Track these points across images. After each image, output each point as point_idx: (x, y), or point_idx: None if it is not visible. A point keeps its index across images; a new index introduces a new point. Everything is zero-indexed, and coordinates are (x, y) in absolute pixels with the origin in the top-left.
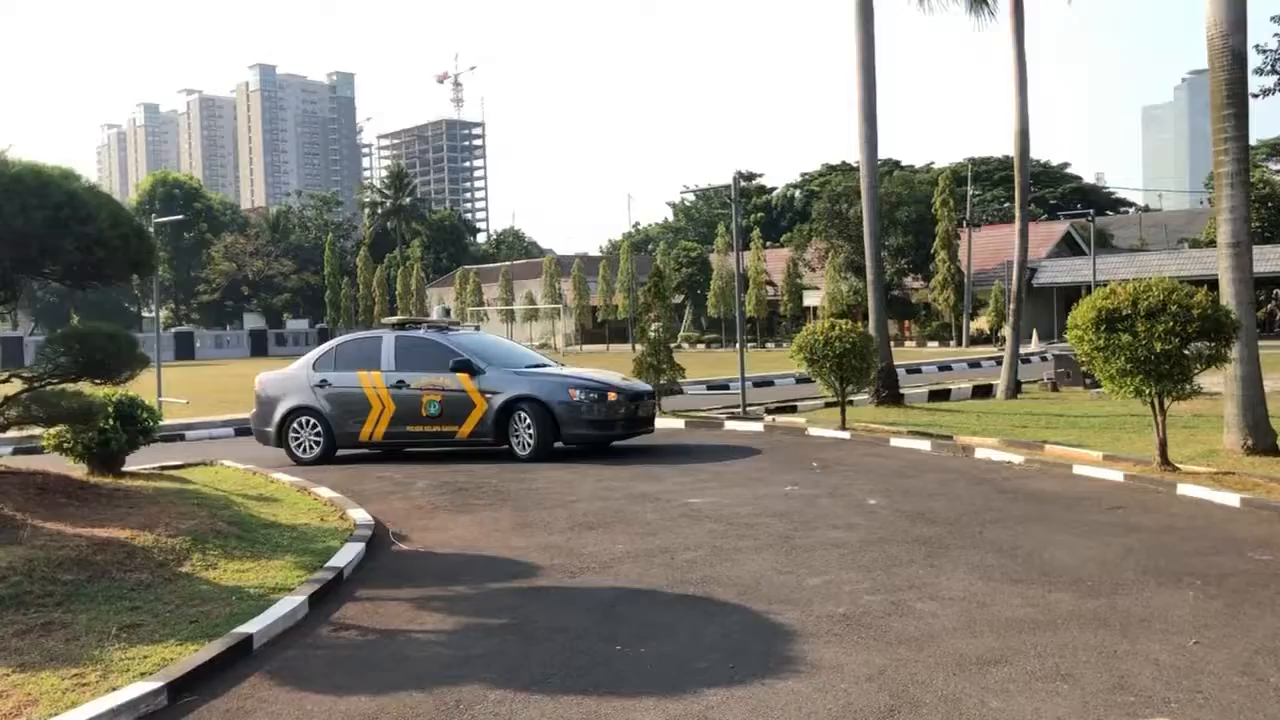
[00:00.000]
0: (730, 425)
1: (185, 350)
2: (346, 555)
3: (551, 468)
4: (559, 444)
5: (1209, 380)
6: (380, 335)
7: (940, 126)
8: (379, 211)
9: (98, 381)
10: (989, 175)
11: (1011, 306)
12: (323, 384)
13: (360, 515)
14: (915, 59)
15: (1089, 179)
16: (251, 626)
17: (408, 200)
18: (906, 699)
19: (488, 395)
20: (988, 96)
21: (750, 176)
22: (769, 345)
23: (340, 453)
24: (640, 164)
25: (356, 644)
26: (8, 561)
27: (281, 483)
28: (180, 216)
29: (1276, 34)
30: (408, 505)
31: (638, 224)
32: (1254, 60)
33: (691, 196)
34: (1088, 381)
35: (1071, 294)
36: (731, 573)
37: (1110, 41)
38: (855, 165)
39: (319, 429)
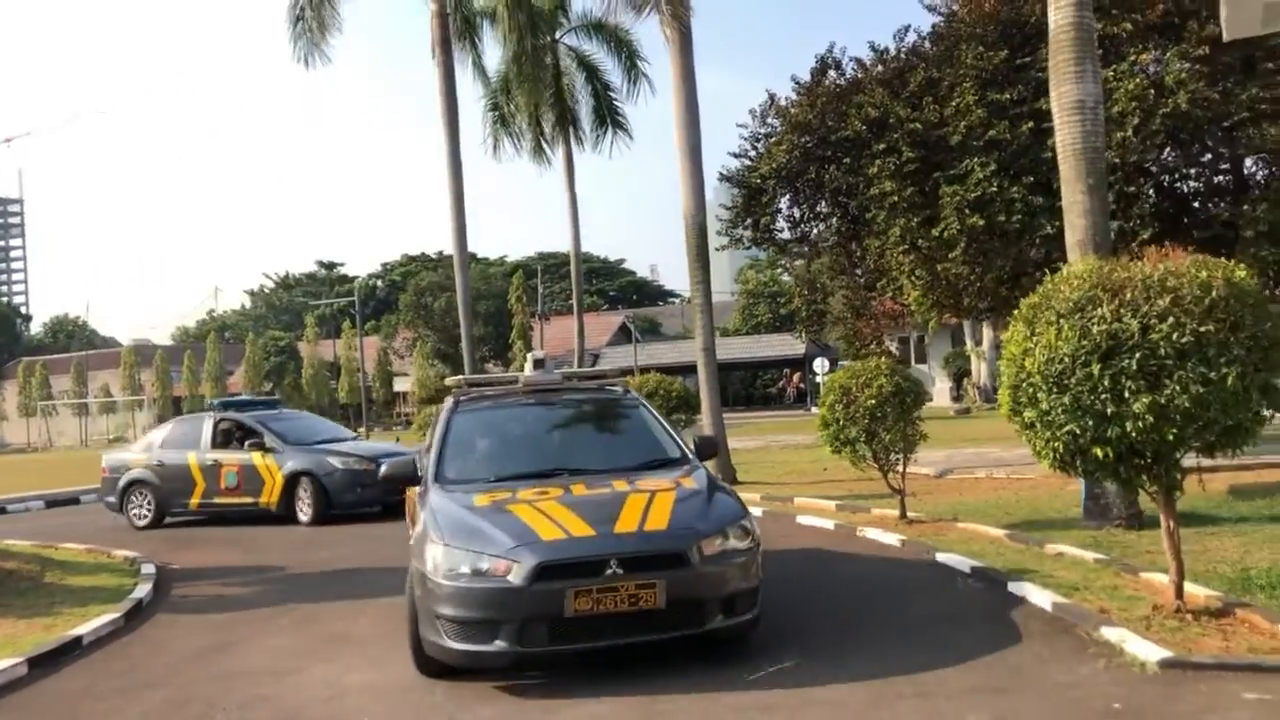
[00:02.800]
0: None
1: None
2: (149, 569)
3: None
4: None
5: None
6: None
7: (516, 222)
8: None
9: None
10: (558, 268)
11: None
12: None
13: (127, 552)
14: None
15: (644, 272)
16: (137, 594)
17: None
18: None
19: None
20: (559, 199)
21: (331, 265)
22: (360, 430)
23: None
24: (216, 250)
25: (203, 601)
26: None
27: (21, 543)
28: None
29: (726, 208)
30: (151, 548)
31: (212, 311)
32: (716, 226)
33: (270, 284)
34: None
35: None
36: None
37: (663, 152)
38: (434, 256)
39: None
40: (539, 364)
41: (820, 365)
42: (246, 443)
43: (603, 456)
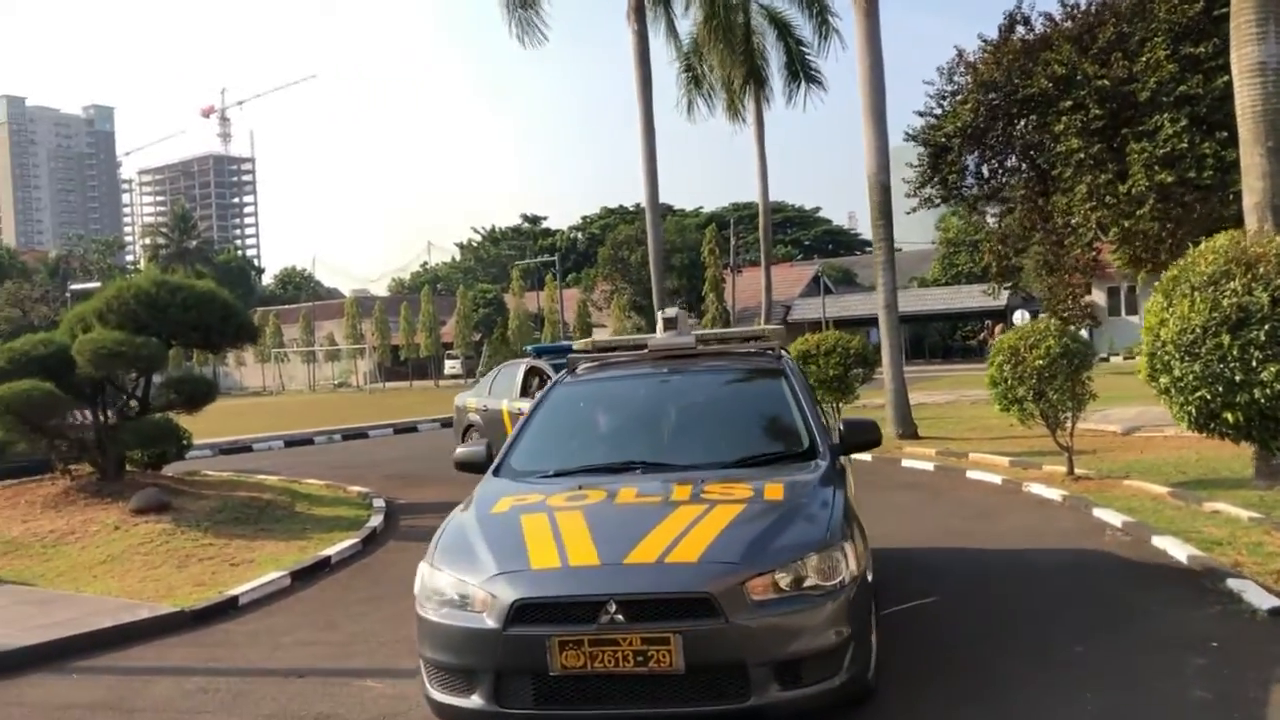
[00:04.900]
0: None
1: None
2: (380, 503)
3: None
4: None
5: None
6: None
7: (711, 173)
8: (161, 254)
9: (183, 412)
10: (753, 219)
11: None
12: None
13: (359, 488)
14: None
15: (841, 220)
16: (372, 523)
17: (194, 243)
18: None
19: None
20: (753, 150)
21: (535, 219)
22: None
23: None
24: (424, 204)
25: (426, 531)
26: (218, 504)
27: (272, 478)
28: (97, 285)
29: (912, 167)
30: (378, 485)
31: (425, 264)
32: (903, 188)
33: (478, 238)
34: None
35: (818, 328)
36: None
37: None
38: (632, 209)
39: None
40: (670, 324)
41: (1020, 317)
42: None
43: (701, 446)
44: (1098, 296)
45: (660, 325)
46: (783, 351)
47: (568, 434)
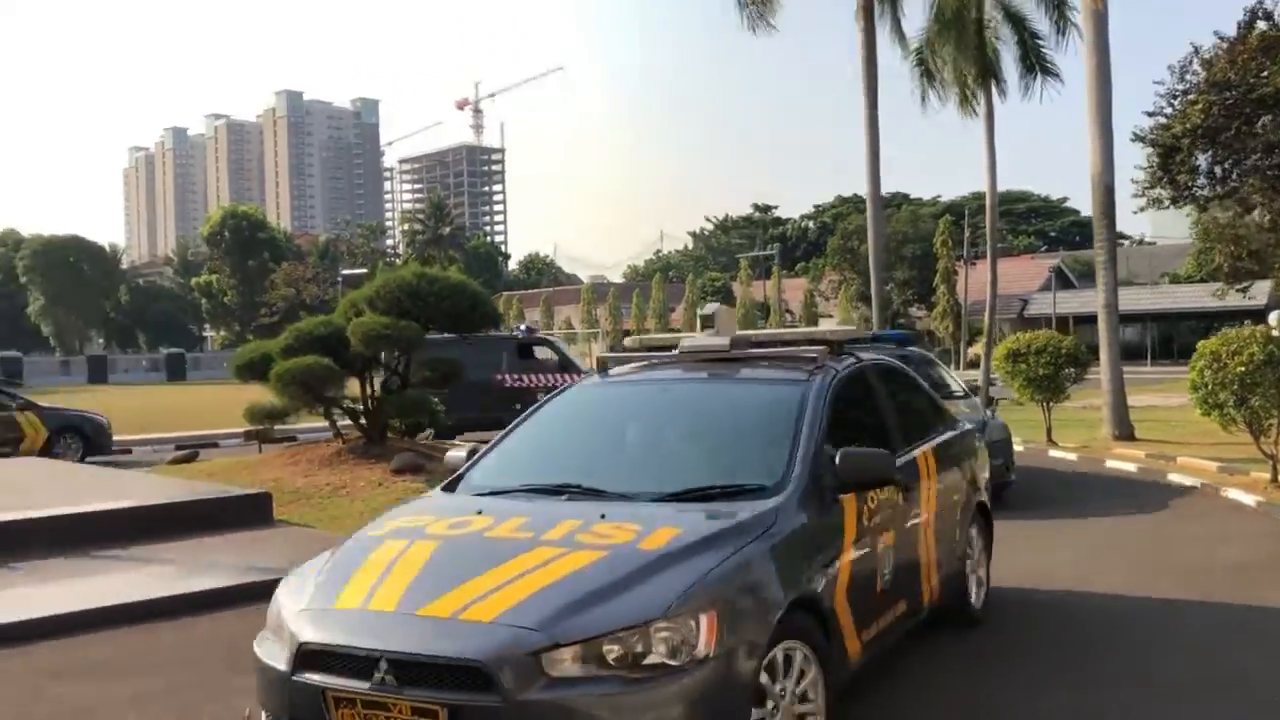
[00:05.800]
0: None
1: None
2: None
3: None
4: None
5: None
6: None
7: (949, 161)
8: (418, 240)
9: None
10: None
11: (985, 340)
12: None
13: None
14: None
15: (1089, 211)
16: None
17: (448, 230)
18: None
19: None
20: (999, 138)
21: (766, 208)
22: None
23: None
24: (658, 192)
25: None
26: None
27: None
28: (363, 270)
29: (1141, 169)
30: None
31: (659, 251)
32: (1130, 189)
33: (710, 226)
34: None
35: (1057, 324)
36: None
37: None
38: (865, 198)
39: None
40: (707, 322)
41: (1276, 318)
42: None
43: (653, 471)
44: None
45: (699, 324)
46: (828, 361)
47: (535, 447)
